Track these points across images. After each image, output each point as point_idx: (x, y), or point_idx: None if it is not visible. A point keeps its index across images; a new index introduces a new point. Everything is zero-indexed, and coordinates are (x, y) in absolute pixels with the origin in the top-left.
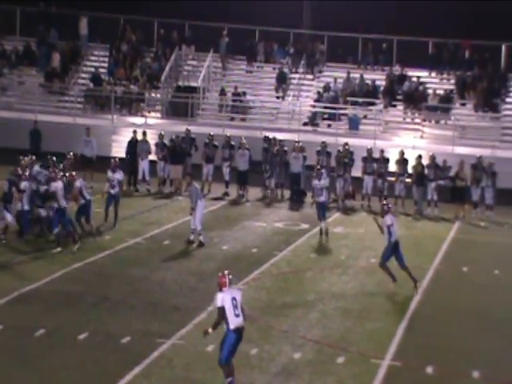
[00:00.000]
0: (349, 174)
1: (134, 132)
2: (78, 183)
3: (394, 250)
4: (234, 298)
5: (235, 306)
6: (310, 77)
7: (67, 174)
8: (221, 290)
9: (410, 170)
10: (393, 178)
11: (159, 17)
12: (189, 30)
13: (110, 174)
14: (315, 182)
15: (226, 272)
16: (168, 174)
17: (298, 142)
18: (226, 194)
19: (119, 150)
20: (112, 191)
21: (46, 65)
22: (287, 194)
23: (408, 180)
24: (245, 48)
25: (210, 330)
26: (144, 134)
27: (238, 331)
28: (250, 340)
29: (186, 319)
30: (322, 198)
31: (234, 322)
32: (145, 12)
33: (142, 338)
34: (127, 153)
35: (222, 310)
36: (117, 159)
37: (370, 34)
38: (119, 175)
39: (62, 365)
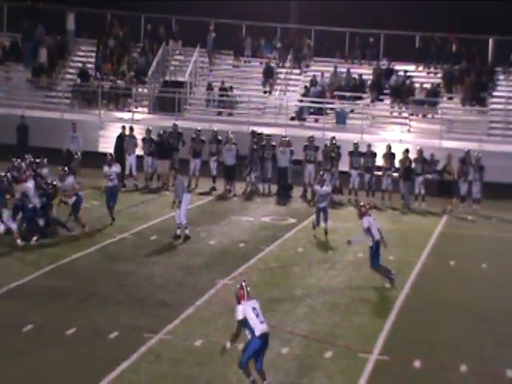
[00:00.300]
0: (336, 169)
1: (123, 127)
2: (71, 179)
3: (377, 248)
4: (254, 308)
5: (258, 315)
6: (297, 71)
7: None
8: (239, 302)
9: (397, 164)
10: (380, 173)
11: (146, 12)
12: (176, 25)
13: (106, 168)
14: (317, 187)
15: (243, 284)
16: (155, 169)
17: (285, 136)
18: (214, 188)
19: (106, 146)
20: (111, 184)
21: (32, 60)
22: (274, 188)
23: (395, 174)
24: (232, 43)
25: (228, 345)
26: (131, 129)
27: (264, 337)
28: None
29: (174, 314)
30: (324, 204)
31: (259, 328)
32: (132, 7)
33: (130, 333)
34: (115, 148)
35: (242, 322)
36: (112, 153)
37: (357, 29)
38: (116, 168)
39: (49, 360)
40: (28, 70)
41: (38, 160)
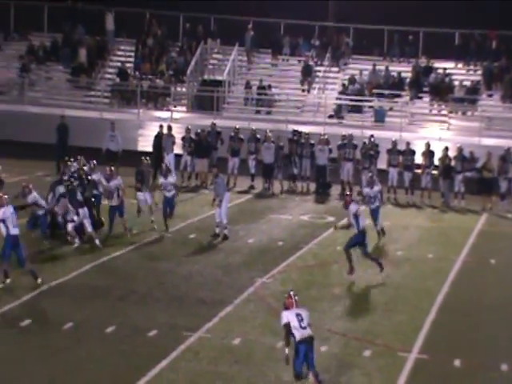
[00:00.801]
0: (374, 167)
1: (161, 126)
2: (117, 181)
3: (361, 238)
4: (298, 314)
5: (301, 320)
6: (336, 69)
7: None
8: (286, 309)
9: (436, 162)
10: (419, 170)
11: (185, 11)
12: (214, 24)
13: (162, 180)
14: (367, 189)
15: (291, 293)
16: (193, 168)
17: (324, 134)
18: (252, 187)
19: (145, 145)
20: (168, 194)
21: (70, 61)
22: (313, 186)
23: (434, 172)
24: (270, 41)
25: (286, 351)
26: (169, 128)
27: (305, 341)
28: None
29: (212, 312)
30: (376, 204)
31: (299, 334)
32: (170, 6)
33: (169, 332)
34: (154, 147)
35: (287, 326)
36: (167, 164)
37: (395, 26)
38: (172, 179)
39: (89, 358)
40: (68, 69)
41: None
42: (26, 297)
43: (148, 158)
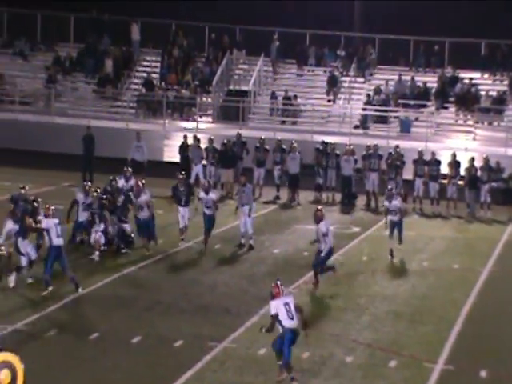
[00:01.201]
0: (400, 177)
1: (185, 137)
2: (146, 196)
3: (330, 255)
4: (286, 303)
5: (288, 310)
6: (361, 80)
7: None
8: (273, 298)
9: (462, 173)
10: (445, 181)
11: (210, 21)
12: (240, 35)
13: (202, 194)
14: (386, 203)
15: (278, 282)
16: (218, 178)
17: (349, 145)
18: (278, 197)
19: (171, 155)
20: (207, 211)
21: (94, 71)
22: (338, 197)
23: (460, 182)
24: (295, 51)
25: (263, 330)
26: (197, 138)
27: (291, 331)
28: (301, 344)
29: (238, 322)
30: (397, 218)
31: (286, 324)
32: (196, 17)
33: (194, 342)
34: (180, 158)
35: (275, 317)
36: (210, 180)
37: (421, 36)
38: (213, 195)
39: (114, 368)
40: (92, 80)
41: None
42: (52, 307)
43: (183, 172)
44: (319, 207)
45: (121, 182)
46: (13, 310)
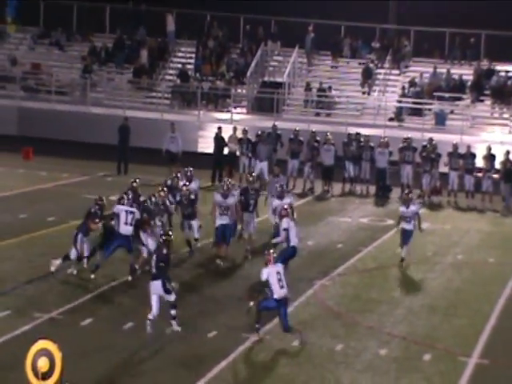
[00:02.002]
0: (436, 170)
1: (219, 128)
2: (233, 198)
3: (292, 253)
4: (278, 272)
5: (280, 279)
6: (396, 72)
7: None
8: (266, 265)
9: (497, 166)
10: (480, 174)
11: (245, 13)
12: (275, 26)
13: (403, 208)
14: (402, 208)
15: (271, 251)
16: (253, 170)
17: (384, 137)
18: (311, 189)
19: (205, 146)
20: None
21: (127, 62)
22: (373, 189)
23: (496, 176)
24: (330, 43)
25: (251, 304)
26: (267, 133)
27: (281, 301)
28: (335, 336)
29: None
30: (410, 226)
31: (277, 292)
32: (231, 8)
33: (228, 333)
34: (216, 148)
35: (266, 283)
36: (283, 186)
37: (457, 28)
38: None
39: (149, 358)
40: (124, 71)
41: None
42: (87, 296)
43: (253, 174)
44: (286, 207)
45: (181, 183)
46: (48, 299)
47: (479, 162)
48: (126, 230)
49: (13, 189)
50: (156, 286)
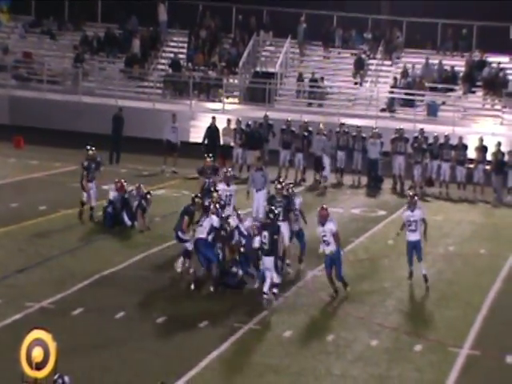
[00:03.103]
0: (427, 160)
1: (213, 118)
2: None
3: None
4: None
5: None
6: (388, 63)
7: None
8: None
9: (489, 157)
10: (472, 165)
11: (237, 3)
12: (267, 16)
13: (408, 213)
14: (407, 213)
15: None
16: (245, 160)
17: (376, 128)
18: (303, 179)
19: (197, 136)
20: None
21: (120, 51)
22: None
23: (487, 167)
24: (322, 34)
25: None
26: (261, 124)
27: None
28: (326, 326)
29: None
30: (417, 236)
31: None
32: None
33: (219, 323)
34: (205, 138)
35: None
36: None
37: (449, 20)
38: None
39: (140, 348)
40: (120, 60)
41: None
42: (78, 286)
43: (281, 181)
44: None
45: (221, 186)
46: (39, 289)
47: (471, 154)
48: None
49: (4, 178)
50: (268, 261)
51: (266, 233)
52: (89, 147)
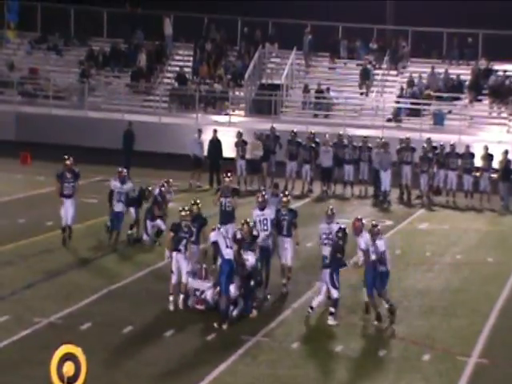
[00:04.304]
0: (433, 170)
1: (215, 131)
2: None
3: None
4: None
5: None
6: (394, 72)
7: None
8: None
9: (496, 165)
10: (478, 174)
11: (243, 15)
12: (272, 28)
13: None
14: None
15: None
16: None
17: (381, 138)
18: (310, 190)
19: (204, 149)
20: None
21: (125, 66)
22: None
23: (494, 175)
24: (328, 45)
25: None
26: (267, 136)
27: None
28: (334, 337)
29: (271, 316)
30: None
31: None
32: (228, 11)
33: (227, 336)
34: (209, 151)
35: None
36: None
37: (454, 28)
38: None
39: (148, 362)
40: (126, 74)
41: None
42: (86, 300)
43: (287, 194)
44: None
45: (254, 212)
46: (47, 304)
47: (478, 162)
48: (228, 254)
49: (11, 194)
50: (325, 275)
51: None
52: (66, 156)
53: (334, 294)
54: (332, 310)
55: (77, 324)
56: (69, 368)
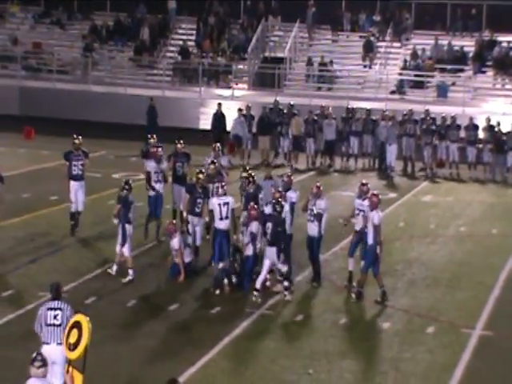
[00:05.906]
0: (436, 142)
1: (219, 105)
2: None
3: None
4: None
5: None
6: (398, 45)
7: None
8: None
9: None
10: (480, 145)
11: None
12: (275, 1)
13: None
14: (358, 201)
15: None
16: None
17: (385, 110)
18: (314, 164)
19: (207, 123)
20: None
21: (128, 40)
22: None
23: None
24: (331, 17)
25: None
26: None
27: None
28: (338, 310)
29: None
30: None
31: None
32: None
33: (231, 309)
34: (213, 125)
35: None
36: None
37: (458, 0)
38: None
39: (152, 335)
40: (129, 48)
41: None
42: (91, 274)
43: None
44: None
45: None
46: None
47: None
48: (220, 224)
49: (15, 168)
50: (271, 252)
51: (269, 224)
52: (75, 136)
53: (283, 268)
54: (286, 284)
55: (81, 298)
56: (73, 335)
